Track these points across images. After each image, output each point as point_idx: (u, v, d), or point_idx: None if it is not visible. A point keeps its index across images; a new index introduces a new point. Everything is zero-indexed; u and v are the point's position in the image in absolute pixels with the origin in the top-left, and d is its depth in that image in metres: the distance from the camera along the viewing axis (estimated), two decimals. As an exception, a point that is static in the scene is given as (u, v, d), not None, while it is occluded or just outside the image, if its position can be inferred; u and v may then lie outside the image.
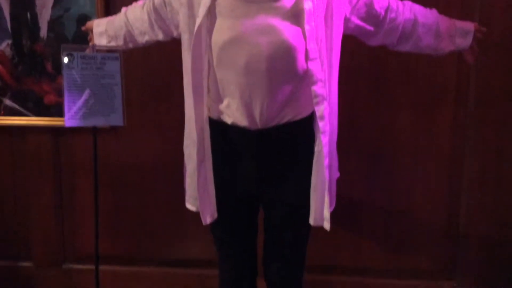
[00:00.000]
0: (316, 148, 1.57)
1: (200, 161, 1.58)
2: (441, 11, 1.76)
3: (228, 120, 1.56)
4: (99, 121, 1.98)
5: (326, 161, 1.55)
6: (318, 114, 1.52)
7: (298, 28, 1.46)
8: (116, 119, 1.99)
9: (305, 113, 1.57)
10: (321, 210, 1.58)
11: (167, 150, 2.28)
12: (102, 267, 2.21)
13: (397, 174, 2.29)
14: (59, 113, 2.20)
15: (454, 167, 2.27)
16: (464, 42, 1.77)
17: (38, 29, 2.29)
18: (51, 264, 2.46)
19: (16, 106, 2.35)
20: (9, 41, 2.30)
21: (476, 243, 2.30)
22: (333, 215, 1.60)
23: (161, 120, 2.31)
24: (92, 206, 2.12)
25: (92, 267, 2.18)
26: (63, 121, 1.97)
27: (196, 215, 1.64)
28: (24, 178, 2.41)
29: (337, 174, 1.76)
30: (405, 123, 2.26)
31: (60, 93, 2.12)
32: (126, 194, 2.40)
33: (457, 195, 2.29)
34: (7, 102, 2.35)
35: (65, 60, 1.92)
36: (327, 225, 1.58)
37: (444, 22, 1.75)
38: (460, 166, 2.27)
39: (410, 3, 1.72)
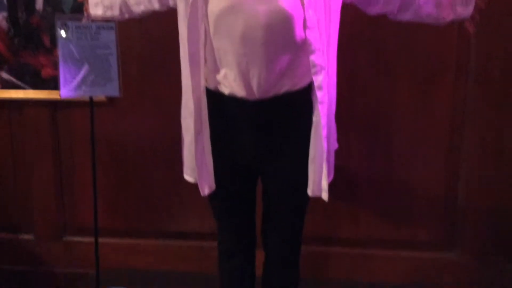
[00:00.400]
0: (314, 119, 1.55)
1: (198, 132, 1.57)
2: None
3: (226, 90, 1.54)
4: (95, 92, 1.97)
5: (324, 132, 1.53)
6: (316, 84, 1.50)
7: (296, -5, 1.43)
8: (112, 89, 1.97)
9: (303, 83, 1.55)
10: (319, 181, 1.58)
11: (166, 123, 2.27)
12: (101, 240, 2.23)
13: (396, 145, 2.28)
14: (57, 86, 2.17)
15: (453, 139, 2.26)
16: (466, 11, 1.74)
17: (33, 1, 2.25)
18: (51, 236, 2.48)
19: (13, 80, 2.33)
20: (5, 14, 2.27)
21: (475, 215, 2.31)
22: (331, 186, 1.60)
23: (159, 93, 2.30)
24: (91, 179, 2.12)
25: (92, 239, 2.20)
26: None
27: (195, 187, 1.63)
28: (23, 151, 2.41)
29: (335, 145, 1.75)
30: (405, 95, 2.24)
31: (57, 66, 2.10)
32: (125, 166, 2.40)
33: (456, 166, 2.28)
34: (4, 75, 2.33)
35: (61, 31, 1.90)
36: (325, 196, 1.58)
37: (445, -10, 1.72)
38: (459, 138, 2.26)
39: (410, -29, 1.68)
